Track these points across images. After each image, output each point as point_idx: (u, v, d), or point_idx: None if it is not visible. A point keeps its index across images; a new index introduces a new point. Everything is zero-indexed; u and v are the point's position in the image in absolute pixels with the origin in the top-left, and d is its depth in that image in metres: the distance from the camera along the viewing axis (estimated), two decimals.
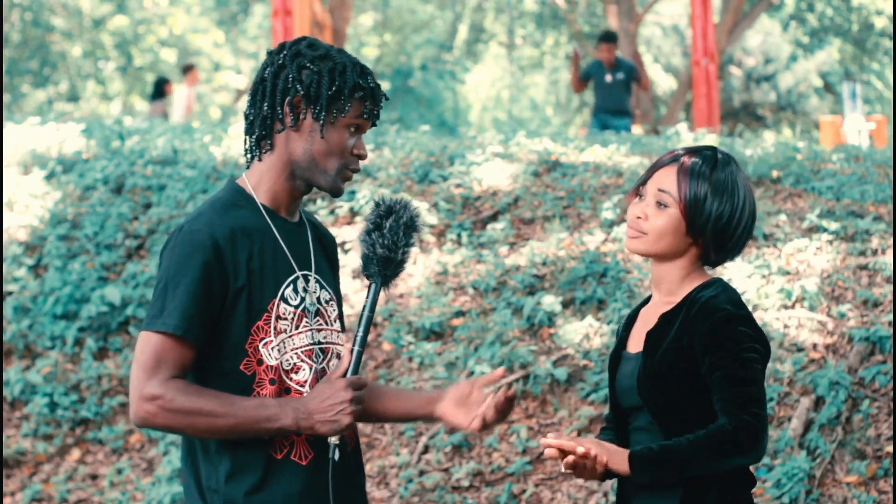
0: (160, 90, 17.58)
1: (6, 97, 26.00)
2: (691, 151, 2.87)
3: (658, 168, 2.87)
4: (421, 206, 7.89)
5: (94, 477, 6.88)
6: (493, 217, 7.93)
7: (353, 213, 8.02)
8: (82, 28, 27.18)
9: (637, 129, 13.98)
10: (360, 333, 2.83)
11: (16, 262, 8.16)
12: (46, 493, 6.80)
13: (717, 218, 2.81)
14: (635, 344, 2.90)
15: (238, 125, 10.74)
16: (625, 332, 2.96)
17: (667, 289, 2.88)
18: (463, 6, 28.42)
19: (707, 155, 2.86)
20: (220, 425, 2.75)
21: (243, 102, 29.01)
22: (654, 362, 2.79)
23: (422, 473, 6.13)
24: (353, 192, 8.19)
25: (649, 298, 2.99)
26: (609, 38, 13.11)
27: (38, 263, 8.18)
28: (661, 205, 2.84)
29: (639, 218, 2.86)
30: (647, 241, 2.85)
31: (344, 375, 2.81)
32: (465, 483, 6.01)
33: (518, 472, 5.98)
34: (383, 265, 2.84)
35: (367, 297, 2.85)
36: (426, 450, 6.25)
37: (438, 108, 29.53)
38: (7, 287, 7.96)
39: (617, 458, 2.73)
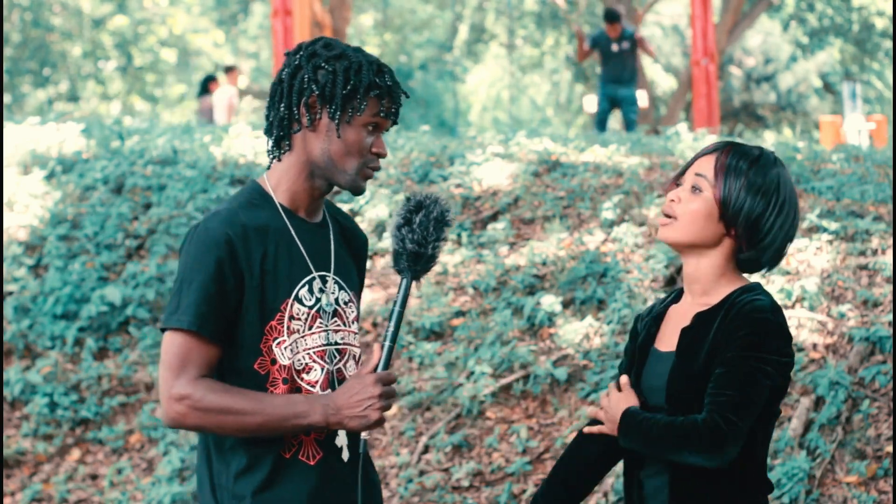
0: (206, 87, 17.68)
1: (6, 97, 25.99)
2: (735, 145, 2.83)
3: (699, 157, 2.82)
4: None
5: (94, 477, 6.88)
6: (493, 217, 7.93)
7: (354, 214, 8.02)
8: (82, 28, 27.17)
9: (642, 97, 14.25)
10: (392, 329, 2.82)
11: (16, 262, 8.16)
12: (46, 493, 6.80)
13: (749, 212, 2.75)
14: (667, 342, 2.83)
15: (238, 125, 10.74)
16: (654, 329, 2.89)
17: (701, 289, 2.82)
18: (463, 6, 28.42)
19: (751, 152, 2.81)
20: (248, 423, 2.76)
21: (244, 102, 29.02)
22: (690, 364, 2.74)
23: (422, 473, 6.13)
24: None
25: (673, 295, 2.92)
26: (613, 18, 13.54)
27: (38, 263, 8.18)
28: (696, 189, 2.78)
29: (672, 201, 2.81)
30: (677, 227, 2.79)
31: (374, 371, 2.81)
32: (465, 483, 6.01)
33: (518, 472, 5.98)
34: (413, 260, 2.82)
35: (398, 293, 2.84)
36: (426, 450, 6.25)
37: (438, 109, 29.53)
38: (7, 287, 7.96)
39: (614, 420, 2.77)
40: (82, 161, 9.21)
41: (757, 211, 2.75)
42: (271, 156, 2.93)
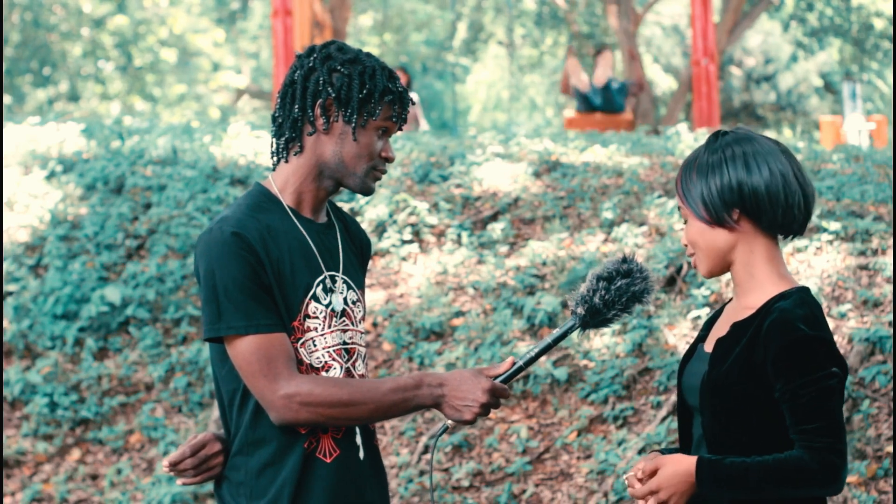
0: None
1: (6, 97, 25.98)
2: (689, 155, 2.83)
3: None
4: (422, 207, 7.89)
5: (94, 477, 6.88)
6: (493, 217, 7.93)
7: (354, 214, 8.02)
8: (82, 28, 27.16)
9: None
10: (532, 354, 2.84)
11: (16, 262, 8.16)
12: (46, 493, 6.80)
13: (719, 192, 2.71)
14: (712, 343, 2.81)
15: (237, 125, 10.74)
16: (706, 329, 2.88)
17: (740, 289, 2.78)
18: (462, 5, 28.42)
19: (704, 144, 2.79)
20: (360, 413, 2.80)
21: (243, 102, 28.96)
22: (720, 372, 2.71)
23: (422, 473, 6.14)
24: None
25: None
26: (602, 49, 13.24)
27: (38, 263, 8.18)
28: (685, 221, 2.80)
29: (686, 246, 2.82)
30: (700, 260, 2.79)
31: (495, 378, 2.84)
32: (465, 483, 6.02)
33: (518, 472, 5.98)
34: (591, 313, 2.82)
35: (558, 328, 2.86)
36: (426, 450, 6.25)
37: (438, 109, 29.53)
38: (7, 287, 7.96)
39: (679, 483, 2.66)
40: (82, 161, 9.21)
41: (720, 184, 2.72)
42: (277, 157, 2.93)
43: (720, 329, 2.81)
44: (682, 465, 2.67)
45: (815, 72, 27.91)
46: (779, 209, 2.72)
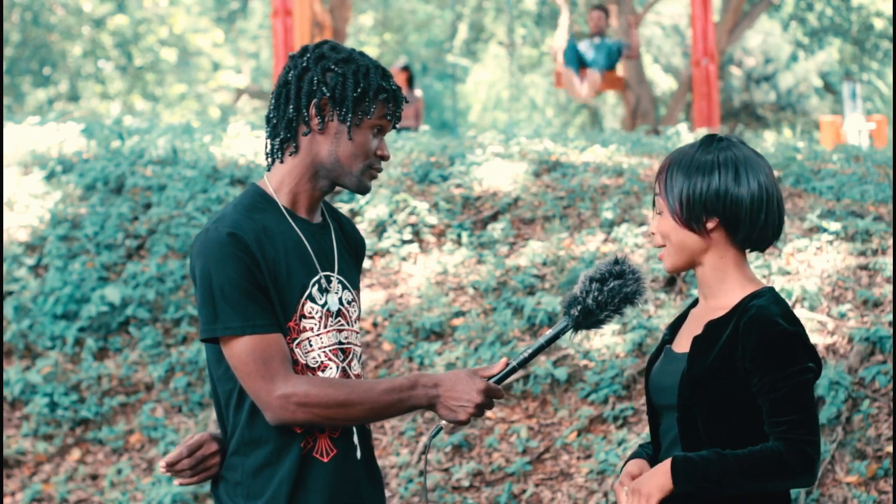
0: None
1: (6, 97, 25.98)
2: (679, 148, 2.84)
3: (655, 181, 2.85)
4: (422, 207, 7.89)
5: (94, 477, 6.88)
6: (493, 217, 7.93)
7: (354, 214, 8.02)
8: (82, 28, 27.15)
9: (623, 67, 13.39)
10: (526, 355, 2.87)
11: (16, 262, 8.16)
12: (46, 493, 6.80)
13: (699, 195, 2.73)
14: (682, 344, 2.83)
15: (237, 125, 10.74)
16: (671, 332, 2.90)
17: (709, 292, 2.80)
18: (463, 5, 28.41)
19: (693, 143, 2.81)
20: (356, 413, 2.80)
21: (243, 102, 28.95)
22: (700, 369, 2.73)
23: (421, 473, 6.14)
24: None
25: (696, 300, 2.92)
26: (599, 6, 12.90)
27: (38, 263, 8.18)
28: (659, 213, 2.81)
29: (652, 234, 2.83)
30: (666, 255, 2.81)
31: (489, 379, 2.85)
32: (465, 483, 6.02)
33: (518, 472, 5.98)
34: (584, 314, 2.83)
35: (551, 329, 2.87)
36: (426, 450, 6.25)
37: (438, 109, 29.54)
38: (7, 287, 7.96)
39: (657, 477, 2.69)
40: (82, 161, 9.21)
41: (705, 188, 2.73)
42: (272, 158, 2.93)
43: (692, 329, 2.82)
44: (660, 465, 2.70)
45: (814, 72, 27.90)
46: (757, 225, 2.76)
